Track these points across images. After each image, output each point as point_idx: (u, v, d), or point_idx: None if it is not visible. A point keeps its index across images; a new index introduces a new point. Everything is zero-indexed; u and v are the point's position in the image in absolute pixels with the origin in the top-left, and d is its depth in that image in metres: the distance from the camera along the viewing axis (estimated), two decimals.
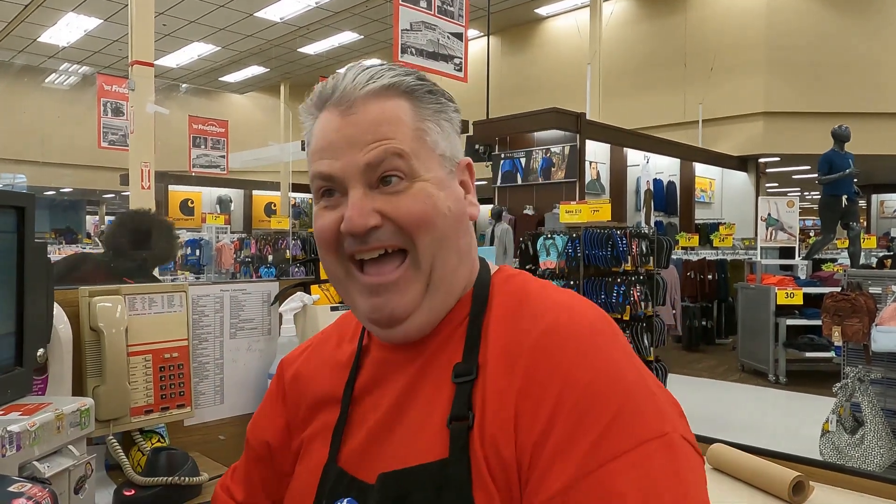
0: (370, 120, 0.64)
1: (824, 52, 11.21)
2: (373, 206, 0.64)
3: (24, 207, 0.89)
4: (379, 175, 0.64)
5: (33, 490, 0.67)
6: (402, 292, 0.65)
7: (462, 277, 0.68)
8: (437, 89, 0.69)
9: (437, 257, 0.65)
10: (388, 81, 0.66)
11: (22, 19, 12.92)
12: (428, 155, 0.66)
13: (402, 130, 0.65)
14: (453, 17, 6.15)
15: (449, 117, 0.70)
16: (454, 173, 0.69)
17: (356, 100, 0.65)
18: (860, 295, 3.99)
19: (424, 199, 0.64)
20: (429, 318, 0.67)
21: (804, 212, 19.49)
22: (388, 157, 0.63)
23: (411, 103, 0.66)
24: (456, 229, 0.67)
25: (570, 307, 0.64)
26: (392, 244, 0.65)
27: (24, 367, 0.90)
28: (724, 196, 12.54)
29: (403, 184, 0.64)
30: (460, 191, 0.69)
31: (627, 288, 4.67)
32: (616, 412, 0.55)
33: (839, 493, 1.08)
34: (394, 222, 0.64)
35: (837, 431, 3.64)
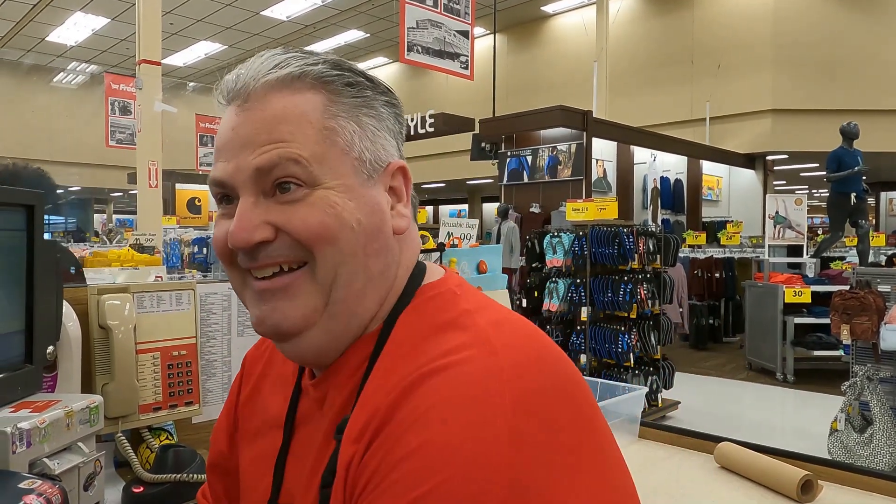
0: (267, 117, 0.56)
1: (832, 48, 11.13)
2: (265, 217, 0.55)
3: (34, 206, 0.90)
4: (272, 181, 0.55)
5: (44, 486, 0.68)
6: (293, 299, 0.56)
7: (370, 304, 0.58)
8: (360, 81, 0.59)
9: (340, 275, 0.56)
10: (292, 70, 0.57)
11: (30, 19, 13.00)
12: (337, 158, 0.56)
13: (304, 130, 0.55)
14: (459, 14, 6.15)
15: (376, 113, 0.59)
16: (375, 179, 0.58)
17: (254, 92, 0.57)
18: (869, 293, 3.97)
19: (324, 208, 0.54)
20: (326, 341, 0.57)
21: (812, 209, 19.36)
22: (281, 163, 0.54)
23: (324, 96, 0.57)
24: (365, 246, 0.56)
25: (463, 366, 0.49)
26: (287, 259, 0.56)
27: (34, 365, 0.90)
28: (731, 194, 12.48)
29: (301, 191, 0.55)
30: (381, 200, 0.58)
31: (634, 286, 4.66)
32: (426, 490, 0.44)
33: (848, 492, 1.08)
34: (289, 235, 0.55)
35: (846, 430, 3.62)
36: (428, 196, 22.14)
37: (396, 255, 0.60)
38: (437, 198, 22.42)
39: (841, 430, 3.64)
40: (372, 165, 0.58)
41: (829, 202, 7.13)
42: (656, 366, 4.83)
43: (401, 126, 0.63)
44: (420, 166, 16.97)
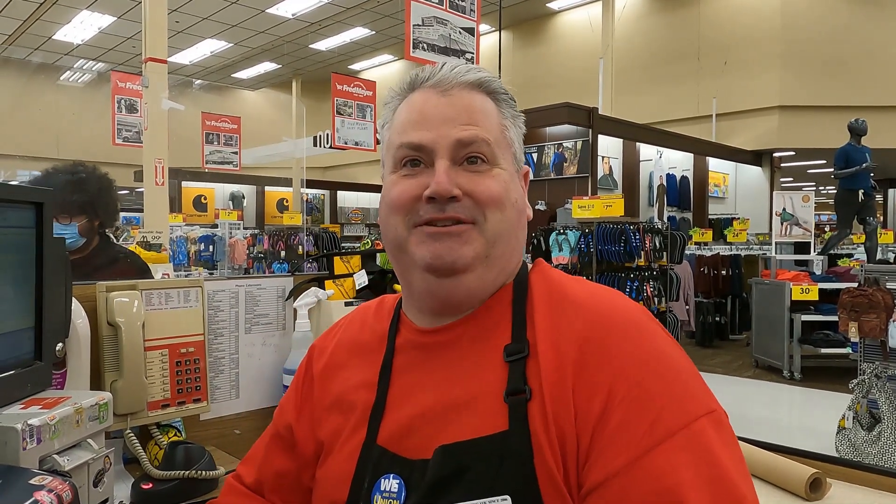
0: (465, 105, 0.72)
1: (840, 45, 11.06)
2: (456, 179, 0.69)
3: (43, 203, 0.90)
4: (465, 154, 0.70)
5: (54, 483, 0.68)
6: (465, 243, 0.69)
7: (513, 263, 0.74)
8: (513, 101, 0.77)
9: (500, 236, 0.70)
10: (481, 77, 0.74)
11: (37, 17, 13.04)
12: (507, 148, 0.74)
13: (491, 121, 0.72)
14: (465, 11, 6.13)
15: (520, 127, 0.77)
16: (518, 174, 0.76)
17: (454, 85, 0.72)
18: (877, 290, 3.95)
19: (501, 183, 0.71)
20: (479, 285, 0.71)
21: (819, 206, 19.30)
22: (477, 140, 0.70)
23: (495, 103, 0.74)
24: (518, 218, 0.73)
25: (607, 298, 0.68)
26: (466, 217, 0.69)
27: (44, 362, 0.91)
28: (738, 191, 12.42)
29: (485, 167, 0.71)
30: (522, 193, 0.76)
31: (640, 283, 4.65)
32: (668, 393, 0.59)
33: (856, 490, 1.07)
34: (472, 198, 0.69)
35: (854, 428, 3.60)
36: None
37: (524, 235, 0.77)
38: None
39: (849, 427, 3.63)
40: (518, 163, 0.76)
41: (836, 199, 7.10)
42: None
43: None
44: None
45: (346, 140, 10.78)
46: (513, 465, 0.60)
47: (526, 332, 0.67)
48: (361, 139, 10.94)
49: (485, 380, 0.66)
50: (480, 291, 0.71)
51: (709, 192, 11.63)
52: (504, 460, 0.60)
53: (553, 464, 0.59)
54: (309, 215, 14.23)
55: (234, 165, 11.97)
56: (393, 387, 0.73)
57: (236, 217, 12.22)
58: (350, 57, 17.18)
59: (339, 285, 1.60)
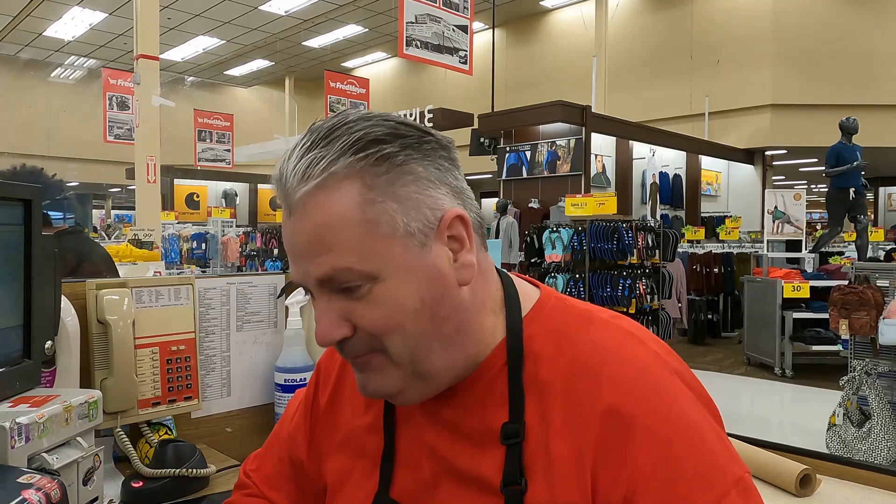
0: (310, 228, 0.57)
1: (832, 43, 11.12)
2: (340, 313, 0.59)
3: (31, 200, 0.89)
4: (335, 286, 0.58)
5: (42, 481, 0.68)
6: (381, 374, 0.61)
7: (462, 356, 0.62)
8: (387, 152, 0.57)
9: (417, 354, 0.59)
10: (321, 177, 0.56)
11: (27, 13, 12.96)
12: (385, 246, 0.56)
13: (347, 232, 0.56)
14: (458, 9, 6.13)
15: (413, 176, 0.58)
16: (429, 244, 0.58)
17: (294, 203, 0.58)
18: (868, 288, 3.98)
19: (386, 303, 0.57)
20: (430, 392, 0.63)
21: (811, 205, 19.41)
22: (335, 274, 0.57)
23: (359, 183, 0.56)
24: (433, 319, 0.59)
25: (627, 358, 0.59)
26: (365, 352, 0.60)
27: (33, 360, 0.90)
28: (730, 189, 12.48)
29: (364, 289, 0.57)
30: (442, 261, 0.59)
31: (633, 281, 4.66)
32: (697, 469, 0.54)
33: (846, 486, 1.08)
34: (363, 331, 0.59)
35: (844, 425, 3.63)
36: None
37: (471, 301, 0.62)
38: None
39: (839, 424, 3.65)
40: (423, 232, 0.58)
41: (827, 197, 7.14)
42: None
43: (448, 165, 0.61)
44: None
45: None
46: None
47: (524, 408, 0.59)
48: None
49: (485, 459, 0.60)
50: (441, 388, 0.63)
51: (701, 190, 11.68)
52: None
53: None
54: None
55: (227, 163, 11.96)
56: (400, 435, 0.68)
57: (229, 215, 12.20)
58: (343, 54, 17.15)
59: None
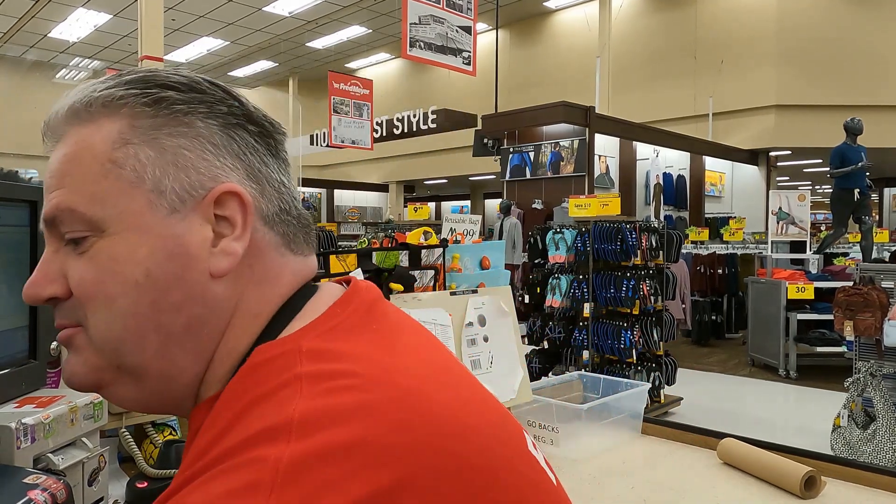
0: (57, 158, 0.49)
1: (836, 44, 11.09)
2: (61, 268, 0.48)
3: (37, 202, 0.90)
4: (62, 232, 0.48)
5: (48, 481, 0.68)
6: (77, 353, 0.49)
7: (190, 362, 0.49)
8: (167, 96, 0.48)
9: (124, 342, 0.47)
10: (78, 99, 0.49)
11: (32, 15, 13.00)
12: (123, 194, 0.47)
13: (84, 168, 0.47)
14: (462, 10, 6.14)
15: (190, 130, 0.49)
16: (184, 211, 0.48)
17: (54, 130, 0.50)
18: (872, 289, 3.96)
19: (102, 263, 0.47)
20: (143, 400, 0.50)
21: (815, 205, 19.32)
22: (58, 214, 0.48)
23: (124, 122, 0.48)
24: (154, 301, 0.47)
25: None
26: (70, 323, 0.49)
27: (38, 361, 0.91)
28: (734, 190, 12.45)
29: (88, 241, 0.47)
30: (193, 238, 0.48)
31: (637, 282, 4.65)
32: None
33: (851, 488, 1.08)
34: (73, 295, 0.48)
35: (849, 426, 3.62)
36: (430, 192, 22.15)
37: (221, 301, 0.49)
38: (439, 194, 22.42)
39: (844, 426, 3.64)
40: (178, 195, 0.47)
41: (832, 198, 7.12)
42: (659, 362, 4.83)
43: (257, 146, 0.52)
44: (422, 162, 16.96)
45: (343, 138, 10.78)
46: None
47: None
48: (358, 137, 10.93)
49: None
50: (163, 404, 0.51)
51: (705, 190, 11.66)
52: None
53: None
54: None
55: None
56: None
57: None
58: (347, 55, 17.17)
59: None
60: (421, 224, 8.86)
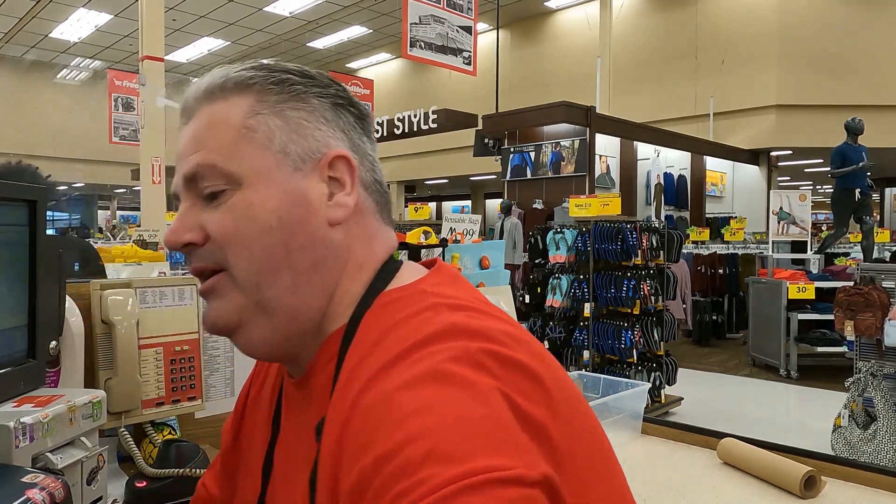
0: (195, 128, 0.58)
1: (837, 44, 11.08)
2: (197, 220, 0.57)
3: (36, 201, 0.90)
4: (202, 189, 0.57)
5: (46, 481, 0.68)
6: (219, 297, 0.57)
7: (310, 299, 0.57)
8: (288, 78, 0.59)
9: (262, 276, 0.55)
10: (214, 81, 0.59)
11: (33, 15, 13.01)
12: (256, 154, 0.56)
13: (222, 133, 0.57)
14: (462, 10, 6.14)
15: (306, 105, 0.59)
16: (305, 171, 0.57)
17: (190, 109, 0.60)
18: (873, 289, 3.96)
19: (241, 211, 0.55)
20: (271, 338, 0.57)
21: (816, 205, 19.30)
22: (200, 170, 0.56)
23: (252, 98, 0.58)
24: (287, 243, 0.55)
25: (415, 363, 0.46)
26: (210, 264, 0.57)
27: (37, 360, 0.91)
28: (735, 190, 12.44)
29: (226, 194, 0.56)
30: (313, 192, 0.57)
31: (637, 282, 4.65)
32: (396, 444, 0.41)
33: (851, 489, 1.08)
34: (213, 241, 0.56)
35: (849, 426, 3.62)
36: (431, 192, 22.14)
37: (338, 247, 0.58)
38: (440, 194, 22.41)
39: (844, 426, 3.64)
40: (300, 157, 0.57)
41: (833, 198, 7.11)
42: (659, 362, 4.83)
43: (347, 114, 0.61)
44: (423, 162, 16.95)
45: None
46: None
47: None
48: None
49: (304, 457, 0.55)
50: (285, 342, 0.58)
51: (706, 190, 11.65)
52: None
53: None
54: None
55: None
56: (280, 434, 0.63)
57: None
58: (347, 55, 17.18)
59: None
60: (421, 224, 8.86)
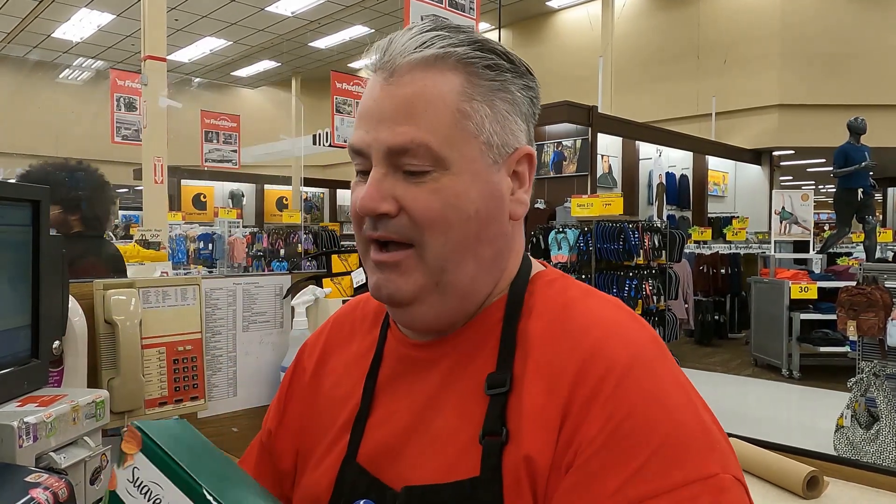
0: (407, 95, 0.57)
1: (840, 43, 11.06)
2: (392, 191, 0.57)
3: (39, 201, 0.90)
4: (402, 162, 0.57)
5: (50, 480, 0.68)
6: (402, 274, 0.59)
7: (484, 285, 0.61)
8: (500, 63, 0.60)
9: (450, 262, 0.58)
10: (436, 51, 0.58)
11: (36, 15, 13.03)
12: (466, 141, 0.57)
13: (438, 112, 0.57)
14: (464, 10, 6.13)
15: (511, 97, 0.60)
16: (500, 164, 0.60)
17: (399, 68, 0.58)
18: (876, 289, 3.95)
19: (447, 197, 0.57)
20: (437, 314, 0.61)
21: (819, 205, 19.27)
22: (412, 147, 0.56)
23: (464, 77, 0.58)
24: (479, 234, 0.58)
25: (616, 325, 0.57)
26: (401, 237, 0.58)
27: (40, 360, 0.91)
28: (737, 189, 12.43)
29: (430, 175, 0.57)
30: (504, 186, 0.60)
31: (639, 282, 4.65)
32: (658, 445, 0.49)
33: (854, 489, 1.07)
34: (408, 215, 0.57)
35: (852, 426, 3.61)
36: None
37: (510, 240, 0.63)
38: None
39: (847, 426, 3.63)
40: (499, 150, 0.59)
41: (835, 198, 7.10)
42: None
43: (535, 109, 0.64)
44: None
45: (346, 138, 10.80)
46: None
47: (514, 360, 0.57)
48: None
49: (465, 413, 0.58)
50: (447, 318, 0.61)
51: (708, 190, 11.64)
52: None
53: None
54: (308, 214, 14.22)
55: (234, 164, 11.96)
56: (377, 399, 0.65)
57: (235, 215, 12.23)
58: (349, 55, 17.16)
59: (337, 283, 1.60)
60: None
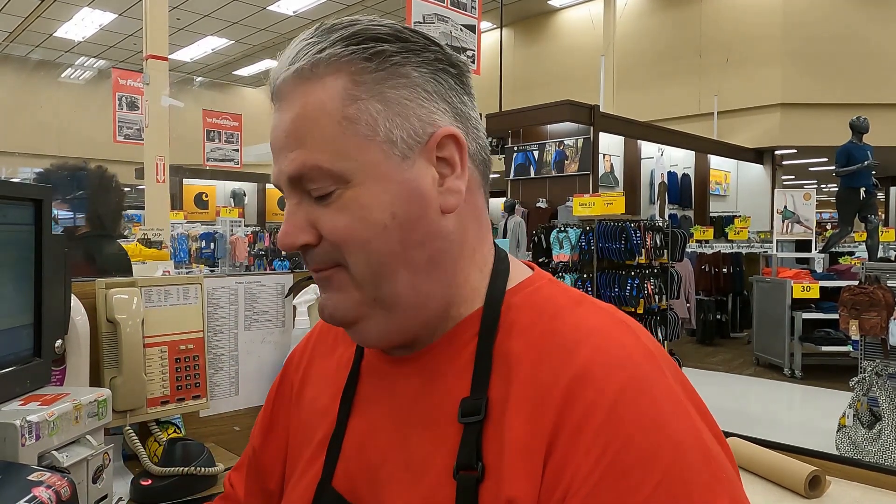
0: (292, 119, 0.53)
1: (842, 42, 11.04)
2: (308, 218, 0.54)
3: (42, 200, 0.90)
4: (308, 187, 0.53)
5: (52, 479, 0.68)
6: (338, 291, 0.55)
7: (431, 292, 0.55)
8: (382, 49, 0.53)
9: (379, 276, 0.53)
10: (306, 62, 0.53)
11: (38, 14, 13.04)
12: (361, 148, 0.52)
13: (322, 127, 0.52)
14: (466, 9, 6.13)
15: (406, 80, 0.53)
16: (414, 157, 0.53)
17: (279, 91, 0.55)
18: (878, 288, 3.95)
19: (354, 212, 0.52)
20: (388, 330, 0.56)
21: (821, 204, 19.27)
22: (305, 171, 0.52)
23: (345, 79, 0.52)
24: (404, 240, 0.53)
25: (607, 339, 0.51)
26: (328, 264, 0.55)
27: (43, 358, 0.91)
28: (739, 189, 12.41)
29: (335, 193, 0.52)
30: (424, 180, 0.53)
31: (641, 281, 4.65)
32: (659, 481, 0.45)
33: (856, 488, 1.07)
34: (327, 240, 0.54)
35: (854, 426, 3.60)
36: None
37: (453, 234, 0.55)
38: None
39: (849, 425, 3.63)
40: (407, 143, 0.53)
41: (837, 197, 7.09)
42: None
43: (454, 84, 0.56)
44: None
45: None
46: None
47: (490, 381, 0.52)
48: None
49: (438, 438, 0.53)
50: (405, 332, 0.56)
51: (710, 189, 11.63)
52: None
53: None
54: None
55: (236, 163, 11.98)
56: (354, 418, 0.61)
57: (237, 214, 12.25)
58: None
59: None
60: None
